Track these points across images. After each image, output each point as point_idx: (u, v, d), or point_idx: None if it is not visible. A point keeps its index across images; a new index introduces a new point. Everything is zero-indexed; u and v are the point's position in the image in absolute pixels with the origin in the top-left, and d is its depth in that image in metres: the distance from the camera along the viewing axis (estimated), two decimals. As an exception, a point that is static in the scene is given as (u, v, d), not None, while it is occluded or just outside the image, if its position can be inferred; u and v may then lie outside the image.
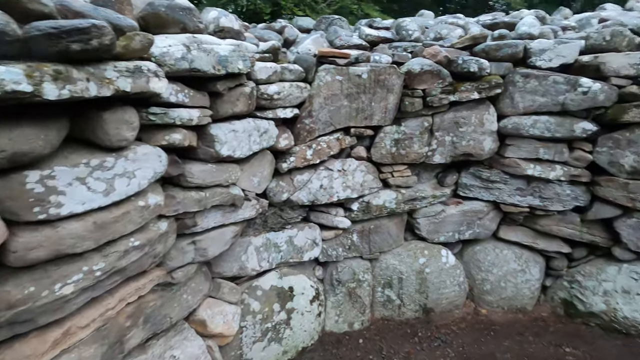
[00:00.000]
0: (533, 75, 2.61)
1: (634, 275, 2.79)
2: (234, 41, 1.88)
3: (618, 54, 2.46)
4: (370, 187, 2.89)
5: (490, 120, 2.79)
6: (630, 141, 2.56)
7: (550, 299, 3.27)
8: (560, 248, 3.08)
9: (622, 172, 2.65)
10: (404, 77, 2.64)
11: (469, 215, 3.12)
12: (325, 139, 2.62)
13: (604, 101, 2.53)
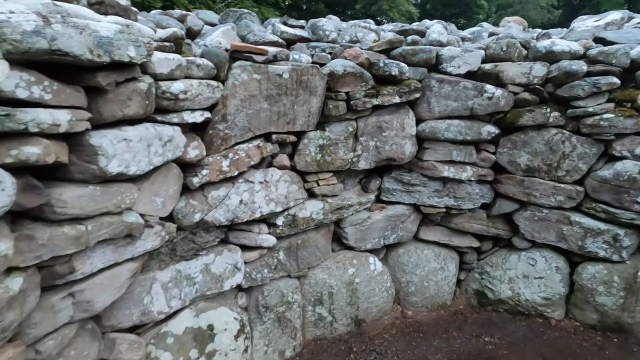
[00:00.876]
0: (447, 81, 2.70)
1: (530, 261, 3.13)
2: (120, 19, 1.40)
3: (513, 63, 2.71)
4: (296, 199, 2.63)
5: (410, 125, 2.81)
6: (525, 142, 2.85)
7: (464, 291, 3.47)
8: (471, 243, 3.29)
9: (518, 170, 2.94)
10: (327, 79, 2.45)
11: (393, 219, 3.11)
12: (243, 147, 2.26)
13: (504, 106, 2.75)
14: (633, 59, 2.51)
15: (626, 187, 2.63)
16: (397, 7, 13.71)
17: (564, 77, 2.62)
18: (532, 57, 2.75)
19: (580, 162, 2.75)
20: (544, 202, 2.92)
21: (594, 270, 2.90)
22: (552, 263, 3.07)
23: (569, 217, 2.89)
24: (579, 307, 3.03)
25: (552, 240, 3.00)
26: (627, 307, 2.80)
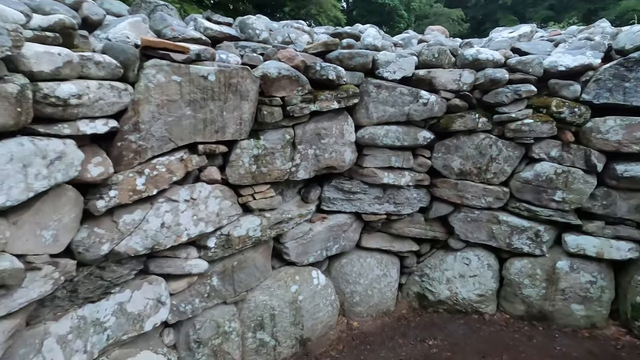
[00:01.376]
0: (384, 86, 2.65)
1: (465, 261, 3.25)
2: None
3: (444, 70, 2.76)
4: (229, 216, 2.34)
5: (349, 131, 2.70)
6: (457, 147, 2.93)
7: (406, 295, 3.49)
8: (411, 247, 3.31)
9: (452, 173, 3.02)
10: (259, 83, 2.21)
11: (335, 229, 2.98)
12: (163, 161, 1.92)
13: (437, 112, 2.79)
14: (546, 68, 2.71)
15: (544, 187, 2.84)
16: (326, 12, 13.90)
17: (489, 84, 2.73)
18: (460, 64, 2.83)
19: (506, 164, 2.91)
20: (475, 204, 3.04)
21: (520, 265, 3.10)
22: (484, 261, 3.22)
23: (497, 216, 3.05)
24: (509, 300, 3.21)
25: (484, 239, 3.14)
26: (549, 297, 3.04)
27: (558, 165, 2.79)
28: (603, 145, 2.64)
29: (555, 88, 2.70)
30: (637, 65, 2.43)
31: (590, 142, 2.68)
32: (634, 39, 2.53)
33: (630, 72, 2.46)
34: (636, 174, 2.59)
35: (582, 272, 2.94)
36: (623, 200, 2.73)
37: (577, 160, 2.75)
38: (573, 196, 2.80)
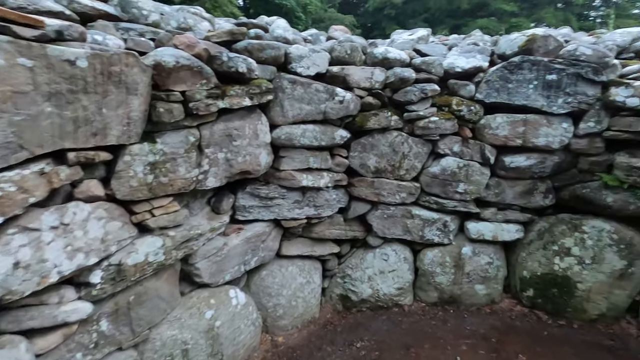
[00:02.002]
0: (299, 82, 2.46)
1: (384, 257, 3.31)
2: None
3: (357, 67, 2.71)
4: (120, 240, 1.86)
5: (264, 131, 2.44)
6: (373, 145, 2.92)
7: (330, 299, 3.39)
8: (332, 249, 3.21)
9: (369, 172, 3.01)
10: (152, 73, 1.80)
11: (253, 240, 2.68)
12: (11, 177, 1.38)
13: (353, 110, 2.73)
14: (445, 69, 2.89)
15: (450, 180, 3.04)
16: (221, 7, 13.14)
17: (399, 83, 2.78)
18: (370, 62, 2.83)
19: (416, 161, 3.02)
20: (391, 200, 3.09)
21: (432, 255, 3.28)
22: (401, 255, 3.31)
23: (411, 211, 3.16)
24: (423, 289, 3.38)
25: (399, 234, 3.23)
26: (457, 281, 3.28)
27: (460, 159, 3.01)
28: (494, 140, 2.93)
29: (455, 88, 2.90)
30: (518, 69, 2.74)
31: (484, 137, 2.95)
32: (512, 46, 2.87)
33: (512, 74, 2.77)
34: (519, 164, 2.94)
35: (482, 255, 3.25)
36: (510, 188, 3.09)
37: (475, 154, 3.00)
38: (472, 187, 3.05)
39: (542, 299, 3.16)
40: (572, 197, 2.99)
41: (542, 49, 2.74)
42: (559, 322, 3.09)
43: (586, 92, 2.65)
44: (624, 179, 2.70)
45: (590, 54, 2.61)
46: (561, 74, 2.66)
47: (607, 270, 2.90)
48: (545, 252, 3.12)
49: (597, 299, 2.97)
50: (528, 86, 2.75)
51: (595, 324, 3.02)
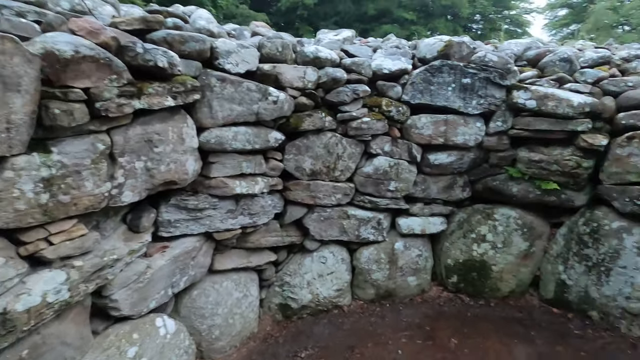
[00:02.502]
0: (229, 80, 2.23)
1: (322, 260, 3.25)
2: None
3: (289, 66, 2.57)
4: (2, 281, 1.43)
5: (190, 135, 2.15)
6: (308, 147, 2.83)
7: (268, 309, 3.22)
8: (269, 257, 3.04)
9: (304, 174, 2.91)
10: (40, 64, 1.41)
11: (182, 258, 2.37)
12: None
13: (287, 111, 2.59)
14: (374, 70, 2.94)
15: (382, 179, 3.11)
16: (118, -6, 11.71)
17: (332, 83, 2.74)
18: (301, 61, 2.72)
19: (350, 161, 3.02)
20: (327, 202, 3.05)
21: (368, 253, 3.34)
22: (338, 256, 3.30)
23: (346, 212, 3.15)
24: (361, 287, 3.42)
25: (336, 235, 3.20)
26: (392, 276, 3.40)
27: (390, 158, 3.10)
28: (420, 139, 3.09)
29: (383, 89, 2.97)
30: (438, 72, 2.93)
31: (411, 136, 3.09)
32: (431, 50, 3.05)
33: (434, 77, 2.94)
34: (442, 161, 3.16)
35: (412, 248, 3.42)
36: (434, 183, 3.30)
37: (403, 153, 3.13)
38: (402, 185, 3.18)
39: (464, 283, 3.46)
40: (484, 189, 3.32)
41: (457, 54, 2.97)
42: (479, 302, 3.42)
43: (494, 95, 2.96)
44: (525, 171, 3.09)
45: (497, 60, 2.91)
46: (474, 78, 2.92)
47: (515, 252, 3.30)
48: (465, 241, 3.42)
49: (508, 277, 3.36)
50: (447, 88, 2.95)
51: (507, 300, 3.42)
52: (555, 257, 3.21)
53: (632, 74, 2.83)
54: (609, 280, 2.89)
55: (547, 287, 3.29)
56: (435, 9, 22.04)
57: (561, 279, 3.17)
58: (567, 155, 2.87)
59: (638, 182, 2.65)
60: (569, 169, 2.88)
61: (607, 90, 2.80)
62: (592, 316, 3.03)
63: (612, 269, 2.87)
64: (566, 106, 2.73)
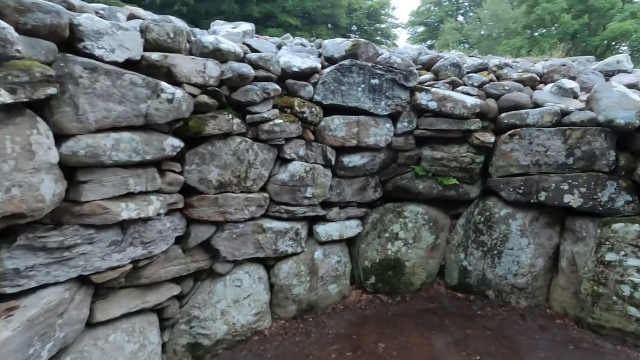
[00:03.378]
0: (102, 71, 1.65)
1: (237, 283, 2.83)
2: None
3: (186, 57, 2.11)
4: None
5: (44, 146, 1.51)
6: (214, 155, 2.39)
7: (174, 354, 2.64)
8: (171, 292, 2.48)
9: (211, 187, 2.46)
10: None
11: (42, 319, 1.68)
12: None
13: (185, 111, 2.12)
14: (282, 67, 2.68)
15: (298, 186, 2.87)
16: None
17: (238, 80, 2.37)
18: (198, 52, 2.27)
19: (263, 168, 2.69)
20: (239, 217, 2.65)
21: (287, 267, 3.05)
22: (255, 276, 2.93)
23: (262, 225, 2.81)
24: (281, 305, 3.12)
25: (252, 252, 2.83)
26: (313, 287, 3.19)
27: (306, 163, 2.88)
28: (334, 141, 2.96)
29: (295, 88, 2.73)
30: (348, 72, 2.84)
31: (325, 139, 2.93)
32: (339, 49, 2.95)
33: (344, 77, 2.84)
34: (356, 163, 3.09)
35: (332, 255, 3.28)
36: (348, 186, 3.22)
37: (318, 156, 2.95)
38: (319, 190, 3.00)
39: (381, 282, 3.49)
40: (394, 188, 3.40)
41: (364, 55, 2.94)
42: (397, 299, 3.49)
43: (400, 96, 3.02)
44: (429, 169, 3.26)
45: (400, 62, 2.98)
46: (382, 79, 2.92)
47: (424, 245, 3.47)
48: (380, 240, 3.44)
49: (419, 271, 3.52)
50: (357, 89, 2.89)
51: (419, 292, 3.58)
52: (457, 247, 3.49)
53: (505, 79, 3.24)
54: (501, 261, 3.26)
55: (452, 275, 3.55)
56: (317, 17, 23.04)
57: (463, 265, 3.46)
58: (463, 152, 3.12)
59: (519, 173, 3.03)
60: (466, 165, 3.13)
61: (489, 93, 3.15)
62: (489, 295, 3.38)
63: (502, 251, 3.23)
64: (462, 107, 2.96)
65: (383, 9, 29.31)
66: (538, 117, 2.83)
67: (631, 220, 2.66)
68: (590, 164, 2.75)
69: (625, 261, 2.67)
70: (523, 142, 2.92)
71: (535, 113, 2.84)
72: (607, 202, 2.74)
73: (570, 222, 3.03)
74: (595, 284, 2.83)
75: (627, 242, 2.65)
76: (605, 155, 2.70)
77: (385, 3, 28.84)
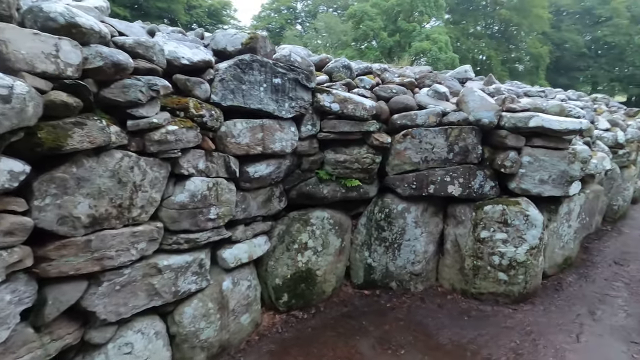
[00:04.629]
0: None
1: (126, 349, 2.06)
2: None
3: (23, 30, 1.32)
4: None
5: None
6: (82, 180, 1.63)
7: None
8: (18, 398, 1.59)
9: (78, 227, 1.68)
10: None
11: None
12: None
13: (32, 116, 1.34)
14: (168, 59, 2.08)
15: (200, 207, 2.32)
16: None
17: (112, 72, 1.68)
18: (40, 26, 1.50)
19: (154, 190, 2.04)
20: (124, 261, 1.94)
21: (192, 310, 2.44)
22: (150, 331, 2.22)
23: (156, 264, 2.14)
24: (187, 357, 2.48)
25: (144, 303, 2.13)
26: (224, 325, 2.67)
27: (207, 178, 2.35)
28: (237, 150, 2.51)
29: (188, 86, 2.16)
30: (249, 69, 2.44)
31: (227, 147, 2.46)
32: (233, 42, 2.51)
33: (245, 74, 2.44)
34: (262, 173, 2.73)
35: (241, 281, 2.82)
36: (253, 199, 2.82)
37: (220, 169, 2.45)
38: (225, 209, 2.51)
39: (295, 298, 3.23)
40: (299, 195, 3.19)
41: (262, 50, 2.60)
42: (312, 312, 3.30)
43: (304, 97, 2.82)
44: (332, 172, 3.19)
45: (301, 61, 2.77)
46: (284, 78, 2.65)
47: (332, 251, 3.39)
48: (290, 253, 3.18)
49: (330, 277, 3.43)
50: (259, 89, 2.53)
51: (332, 299, 3.49)
52: (361, 245, 3.55)
53: (390, 82, 3.47)
54: (400, 253, 3.49)
55: (358, 274, 3.61)
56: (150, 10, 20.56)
57: (367, 263, 3.55)
58: (364, 153, 3.17)
59: (411, 170, 3.28)
60: (367, 166, 3.19)
61: (379, 95, 3.29)
62: (392, 287, 3.59)
63: (402, 243, 3.47)
64: (362, 109, 2.98)
65: (224, 9, 28.56)
66: (425, 117, 3.12)
67: (495, 202, 3.24)
68: (465, 158, 3.21)
69: (495, 236, 3.23)
70: (414, 141, 3.17)
71: (422, 114, 3.12)
72: (478, 188, 3.25)
73: (452, 209, 3.48)
74: (475, 259, 3.33)
75: (495, 220, 3.22)
76: (475, 150, 3.19)
77: (226, 4, 28.18)
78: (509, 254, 3.23)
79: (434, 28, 26.59)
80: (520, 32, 33.45)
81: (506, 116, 3.08)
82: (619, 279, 3.79)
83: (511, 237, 3.20)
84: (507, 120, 3.06)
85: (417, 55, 24.00)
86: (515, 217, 3.16)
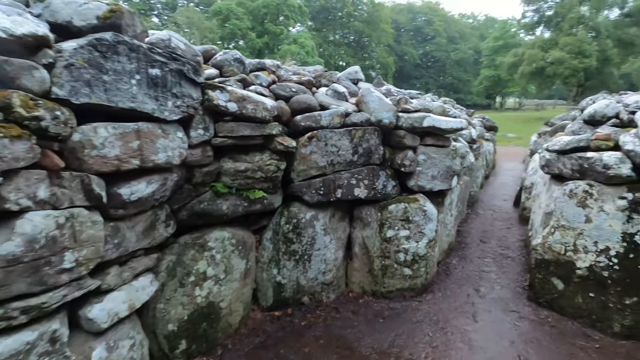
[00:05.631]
0: None
1: None
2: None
3: None
4: None
5: None
6: None
7: None
8: None
9: None
10: None
11: None
12: None
13: None
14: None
15: (46, 256, 1.54)
16: None
17: None
18: None
19: (-50, 244, 1.21)
20: None
21: (43, 409, 1.63)
22: None
23: (-33, 363, 1.30)
24: None
25: None
26: (100, 411, 1.90)
27: (55, 211, 1.58)
28: (102, 166, 1.80)
29: (7, 71, 1.38)
30: (113, 53, 1.76)
31: (85, 163, 1.73)
32: (85, 14, 1.77)
33: (107, 60, 1.74)
34: (142, 194, 2.05)
35: (121, 341, 2.08)
36: (130, 229, 2.11)
37: (76, 194, 1.70)
38: (88, 251, 1.76)
39: (195, 343, 2.62)
40: (191, 215, 2.58)
41: (130, 30, 1.94)
42: (218, 355, 2.73)
43: (192, 95, 2.25)
44: (231, 184, 2.69)
45: (185, 49, 2.20)
46: (164, 68, 2.05)
47: (237, 275, 2.89)
48: (185, 289, 2.55)
49: (237, 306, 2.92)
50: (131, 81, 1.87)
51: (240, 331, 2.98)
52: (268, 263, 3.15)
53: (287, 80, 3.15)
54: (311, 265, 3.24)
55: (267, 295, 3.20)
56: None
57: (277, 281, 3.18)
58: (267, 160, 2.77)
59: (318, 175, 3.05)
60: (271, 174, 2.81)
61: (278, 94, 2.95)
62: (305, 301, 3.31)
63: (312, 254, 3.22)
64: (263, 109, 2.58)
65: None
66: (330, 119, 2.93)
67: (398, 201, 3.30)
68: (368, 159, 3.16)
69: (399, 234, 3.30)
70: (320, 144, 2.95)
71: (327, 115, 2.92)
72: (382, 189, 3.26)
73: (358, 212, 3.41)
74: (383, 259, 3.34)
75: (398, 219, 3.28)
76: (377, 150, 3.17)
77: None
78: (412, 249, 3.35)
79: (300, 33, 27.71)
80: (372, 42, 38.06)
81: (403, 116, 3.15)
82: (487, 255, 4.43)
83: (413, 232, 3.32)
84: (405, 120, 3.14)
85: (285, 58, 24.49)
86: (416, 214, 3.29)
